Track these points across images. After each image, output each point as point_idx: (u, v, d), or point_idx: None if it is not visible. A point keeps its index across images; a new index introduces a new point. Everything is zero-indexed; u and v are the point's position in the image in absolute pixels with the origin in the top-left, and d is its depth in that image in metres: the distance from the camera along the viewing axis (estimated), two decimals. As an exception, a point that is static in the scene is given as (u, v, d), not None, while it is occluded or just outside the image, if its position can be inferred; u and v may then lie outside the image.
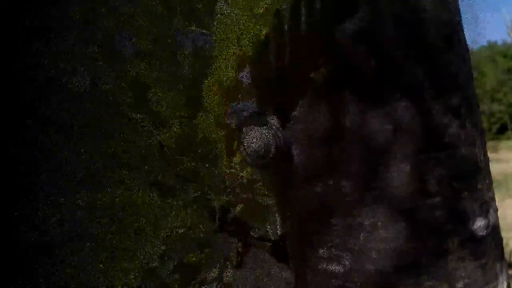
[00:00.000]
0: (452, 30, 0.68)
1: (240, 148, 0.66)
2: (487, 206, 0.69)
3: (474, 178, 0.68)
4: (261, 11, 0.66)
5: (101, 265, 0.65)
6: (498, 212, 0.73)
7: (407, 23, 0.65)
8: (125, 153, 0.65)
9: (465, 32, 0.72)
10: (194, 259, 0.67)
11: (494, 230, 0.70)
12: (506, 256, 0.94)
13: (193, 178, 0.67)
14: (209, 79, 0.67)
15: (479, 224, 0.68)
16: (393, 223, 0.64)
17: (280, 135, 0.66)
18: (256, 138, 0.65)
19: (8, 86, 0.63)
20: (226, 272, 0.68)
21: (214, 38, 0.66)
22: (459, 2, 0.72)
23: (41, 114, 0.63)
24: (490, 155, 0.75)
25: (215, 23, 0.66)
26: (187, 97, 0.66)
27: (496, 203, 0.73)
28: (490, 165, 0.73)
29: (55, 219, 0.64)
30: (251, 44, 0.66)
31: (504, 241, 0.75)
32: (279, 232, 0.68)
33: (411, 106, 0.64)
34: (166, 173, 0.66)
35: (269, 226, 0.68)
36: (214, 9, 0.66)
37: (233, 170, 0.67)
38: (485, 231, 0.68)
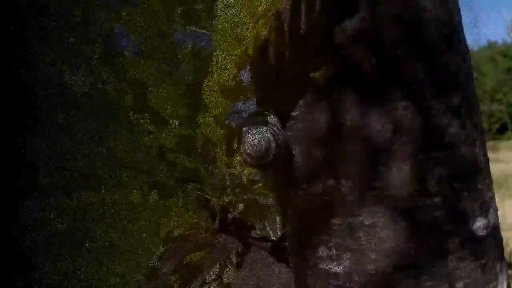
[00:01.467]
0: (452, 30, 0.68)
1: (240, 148, 0.66)
2: (487, 206, 0.69)
3: (474, 178, 0.68)
4: (261, 11, 0.66)
5: (101, 265, 0.65)
6: (498, 212, 0.73)
7: (407, 23, 0.65)
8: (125, 153, 0.65)
9: (465, 32, 0.72)
10: (194, 259, 0.67)
11: (494, 230, 0.70)
12: (506, 256, 0.94)
13: (193, 178, 0.67)
14: (209, 79, 0.67)
15: (479, 224, 0.67)
16: (393, 223, 0.64)
17: (280, 135, 0.66)
18: (256, 138, 0.65)
19: (8, 86, 0.63)
20: (226, 272, 0.68)
21: (214, 38, 0.66)
22: (459, 2, 0.72)
23: (41, 114, 0.63)
24: (490, 155, 0.75)
25: (215, 23, 0.66)
26: (187, 97, 0.66)
27: (496, 203, 0.73)
28: (490, 165, 0.73)
29: (55, 219, 0.64)
30: (251, 44, 0.66)
31: (504, 241, 0.75)
32: (279, 232, 0.68)
33: (412, 105, 0.64)
34: (166, 173, 0.66)
35: (269, 226, 0.68)
36: (214, 9, 0.66)
37: (233, 170, 0.67)
38: (485, 231, 0.68)
